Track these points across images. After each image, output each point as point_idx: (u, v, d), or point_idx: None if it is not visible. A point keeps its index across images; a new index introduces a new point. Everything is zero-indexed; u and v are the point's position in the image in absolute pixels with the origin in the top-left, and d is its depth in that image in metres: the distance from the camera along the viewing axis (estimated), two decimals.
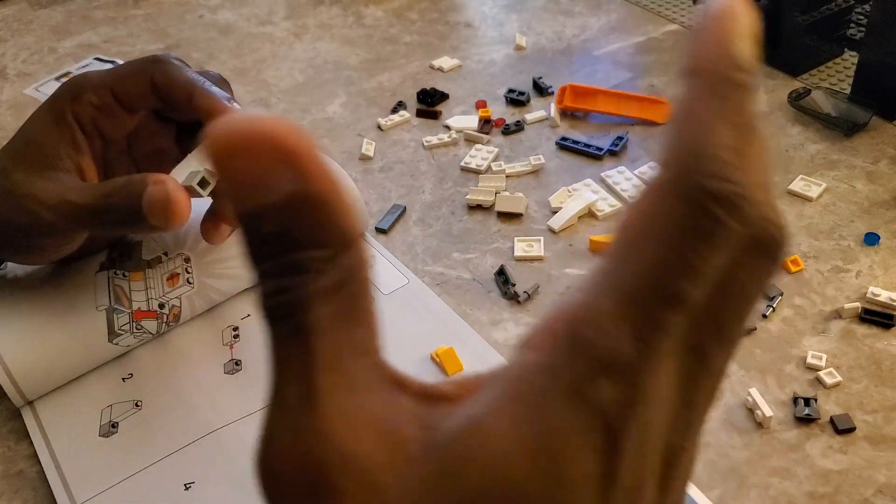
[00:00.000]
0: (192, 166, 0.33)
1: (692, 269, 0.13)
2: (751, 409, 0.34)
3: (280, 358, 0.13)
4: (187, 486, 0.32)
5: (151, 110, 0.36)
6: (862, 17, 0.58)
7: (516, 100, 0.55)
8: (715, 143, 0.13)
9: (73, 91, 0.34)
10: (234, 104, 0.35)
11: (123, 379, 0.37)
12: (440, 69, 0.59)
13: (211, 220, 0.37)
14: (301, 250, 0.13)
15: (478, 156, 0.50)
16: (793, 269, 0.41)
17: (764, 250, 0.14)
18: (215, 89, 0.35)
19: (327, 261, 0.13)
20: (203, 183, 0.33)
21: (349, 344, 0.13)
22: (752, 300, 0.15)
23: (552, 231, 0.44)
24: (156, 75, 0.34)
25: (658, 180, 0.14)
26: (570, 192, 0.47)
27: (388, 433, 0.13)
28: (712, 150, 0.13)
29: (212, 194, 0.36)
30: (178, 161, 0.39)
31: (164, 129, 0.37)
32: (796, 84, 0.54)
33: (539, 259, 0.43)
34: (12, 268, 0.38)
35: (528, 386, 0.13)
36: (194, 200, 0.33)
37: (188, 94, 0.34)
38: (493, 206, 0.46)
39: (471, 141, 0.52)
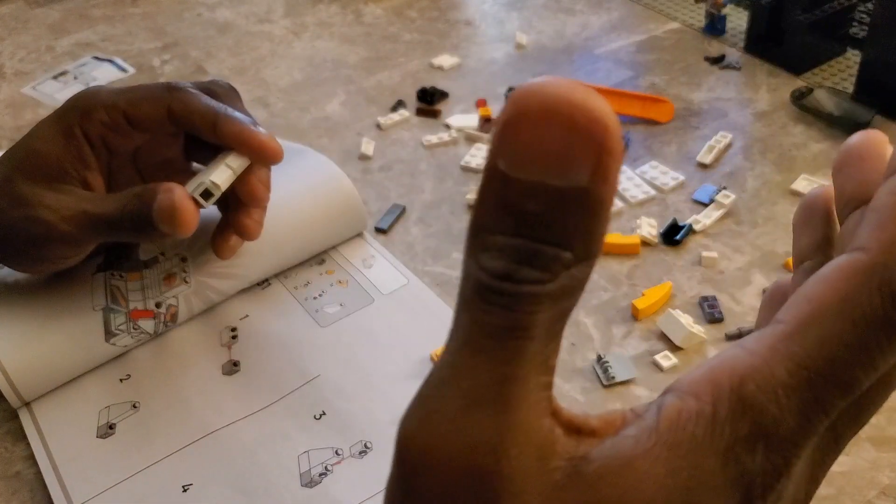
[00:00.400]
0: (200, 177, 0.33)
1: (871, 362, 0.13)
2: None
3: (476, 344, 0.13)
4: (185, 487, 0.32)
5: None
6: (865, 16, 0.58)
7: None
8: None
9: (84, 106, 0.34)
10: (260, 128, 0.34)
11: (121, 380, 0.37)
12: (440, 68, 0.59)
13: (221, 235, 0.37)
14: (553, 245, 0.12)
15: (478, 155, 0.50)
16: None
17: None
18: (238, 115, 0.34)
19: (566, 266, 0.12)
20: (206, 194, 0.33)
21: (542, 356, 0.13)
22: (890, 393, 0.15)
23: None
24: (173, 105, 0.34)
25: (857, 263, 0.14)
26: None
27: (543, 456, 0.13)
28: None
29: (223, 208, 0.36)
30: (184, 171, 0.38)
31: (172, 140, 0.37)
32: (799, 83, 0.54)
33: None
34: (8, 269, 0.37)
35: (686, 435, 0.13)
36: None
37: (211, 123, 0.33)
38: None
39: (471, 140, 0.51)
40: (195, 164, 0.39)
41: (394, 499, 0.14)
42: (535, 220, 0.12)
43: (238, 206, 0.36)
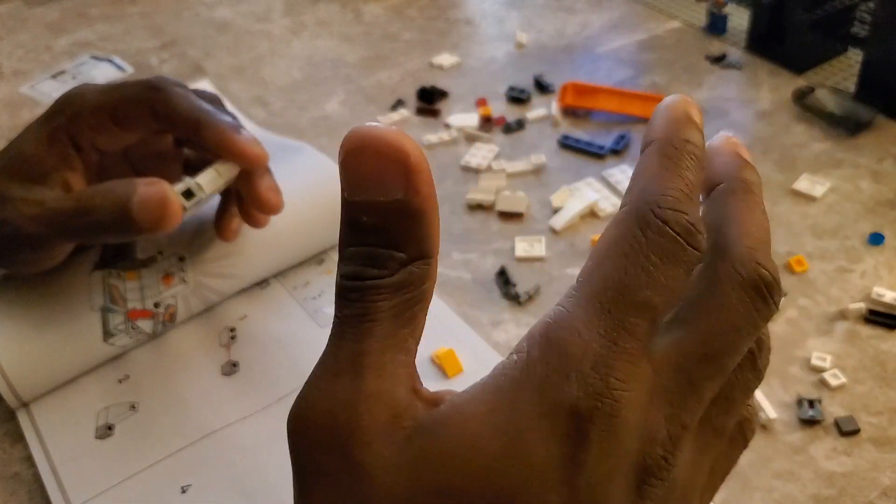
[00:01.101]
0: (187, 180, 0.33)
1: (654, 281, 0.16)
2: None
3: (338, 333, 0.16)
4: (184, 488, 0.32)
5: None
6: (867, 15, 0.58)
7: (517, 98, 0.54)
8: (666, 185, 0.16)
9: (71, 111, 0.33)
10: (244, 132, 0.34)
11: (119, 381, 0.36)
12: (440, 67, 0.59)
13: (223, 218, 0.37)
14: (385, 248, 0.16)
15: (478, 154, 0.49)
16: (797, 269, 0.40)
17: (754, 290, 0.17)
18: (222, 118, 0.33)
19: (402, 264, 0.16)
20: (188, 194, 0.32)
21: (394, 338, 0.16)
22: (742, 336, 0.17)
23: (554, 231, 0.44)
24: (156, 105, 0.33)
25: (619, 214, 0.17)
26: (571, 191, 0.46)
27: (397, 415, 0.16)
28: (664, 188, 0.16)
29: (225, 193, 0.35)
30: (177, 162, 0.38)
31: (162, 135, 0.37)
32: (800, 82, 0.54)
33: (540, 259, 0.42)
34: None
35: (505, 379, 0.16)
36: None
37: (194, 126, 0.33)
38: (493, 205, 0.46)
39: (471, 139, 0.51)
40: (186, 150, 0.39)
41: (293, 474, 0.16)
42: (370, 229, 0.16)
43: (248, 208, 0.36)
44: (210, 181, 0.33)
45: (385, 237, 0.16)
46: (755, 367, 0.18)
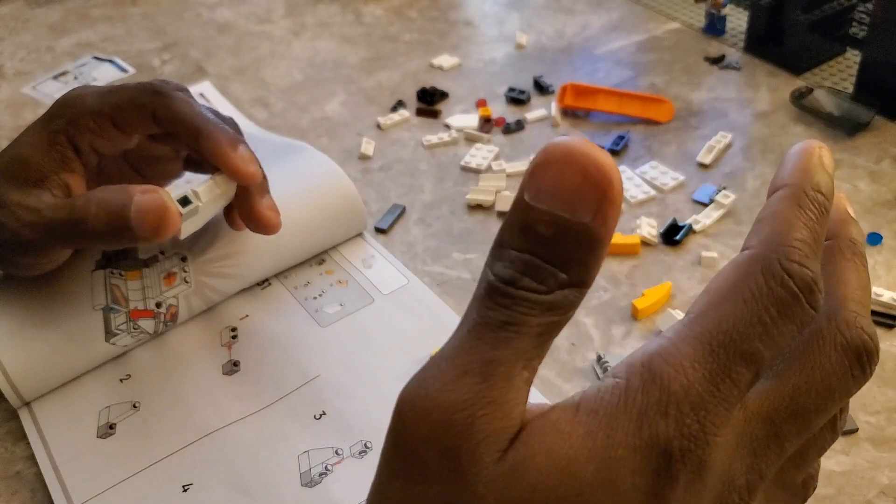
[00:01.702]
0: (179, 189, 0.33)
1: (767, 333, 0.15)
2: None
3: (476, 332, 0.16)
4: (185, 487, 0.32)
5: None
6: (864, 16, 0.58)
7: (517, 98, 0.54)
8: (795, 236, 0.16)
9: (70, 115, 0.33)
10: (241, 147, 0.33)
11: (121, 380, 0.37)
12: (440, 68, 0.59)
13: (231, 213, 0.36)
14: (552, 265, 0.15)
15: (478, 155, 0.50)
16: None
17: (855, 356, 0.17)
18: (222, 129, 0.33)
19: (560, 286, 0.15)
20: (184, 201, 0.32)
21: (527, 354, 0.16)
22: (834, 398, 0.17)
23: None
24: (157, 111, 0.33)
25: (743, 257, 0.16)
26: None
27: (508, 427, 0.15)
28: (792, 240, 0.16)
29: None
30: (176, 162, 0.38)
31: (162, 137, 0.37)
32: (798, 83, 0.54)
33: None
34: None
35: (601, 403, 0.15)
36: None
37: (193, 134, 0.33)
38: (493, 205, 0.46)
39: (471, 140, 0.51)
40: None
41: (384, 451, 0.16)
42: (543, 241, 0.15)
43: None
44: (207, 191, 0.33)
45: (554, 254, 0.15)
46: (834, 429, 0.18)
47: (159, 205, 0.30)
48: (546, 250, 0.15)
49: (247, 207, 0.35)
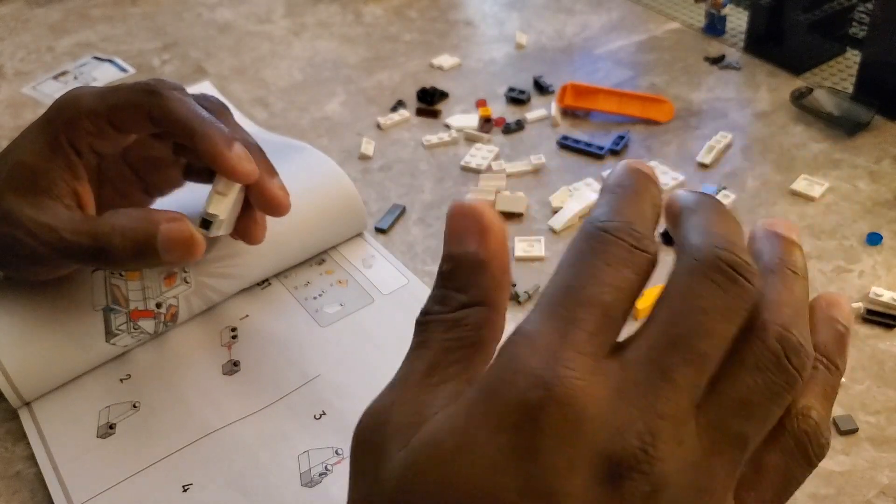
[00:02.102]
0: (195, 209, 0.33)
1: (598, 278, 0.17)
2: None
3: (405, 356, 0.19)
4: (185, 487, 0.32)
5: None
6: (864, 16, 0.58)
7: (517, 98, 0.55)
8: (616, 208, 0.19)
9: (67, 116, 0.33)
10: (236, 146, 0.33)
11: (121, 380, 0.37)
12: (440, 68, 0.59)
13: (244, 222, 0.36)
14: (450, 290, 0.19)
15: (478, 155, 0.50)
16: None
17: (715, 270, 0.17)
18: (217, 128, 0.33)
19: (461, 305, 0.19)
20: (204, 224, 0.33)
21: (440, 366, 0.18)
22: (709, 314, 0.17)
23: (553, 231, 0.44)
24: (153, 111, 0.33)
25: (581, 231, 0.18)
26: (570, 191, 0.46)
27: (417, 423, 0.18)
28: (606, 211, 0.19)
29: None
30: (175, 169, 0.38)
31: (160, 142, 0.37)
32: (798, 83, 0.54)
33: (540, 259, 0.42)
34: None
35: (468, 390, 0.18)
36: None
37: (189, 135, 0.33)
38: (493, 205, 0.46)
39: (471, 140, 0.51)
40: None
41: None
42: (446, 275, 0.19)
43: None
44: (217, 203, 0.33)
45: (455, 282, 0.19)
46: (782, 369, 0.17)
47: (186, 236, 0.32)
48: (450, 281, 0.19)
49: (257, 189, 0.34)
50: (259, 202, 0.35)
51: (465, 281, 0.19)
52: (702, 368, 0.16)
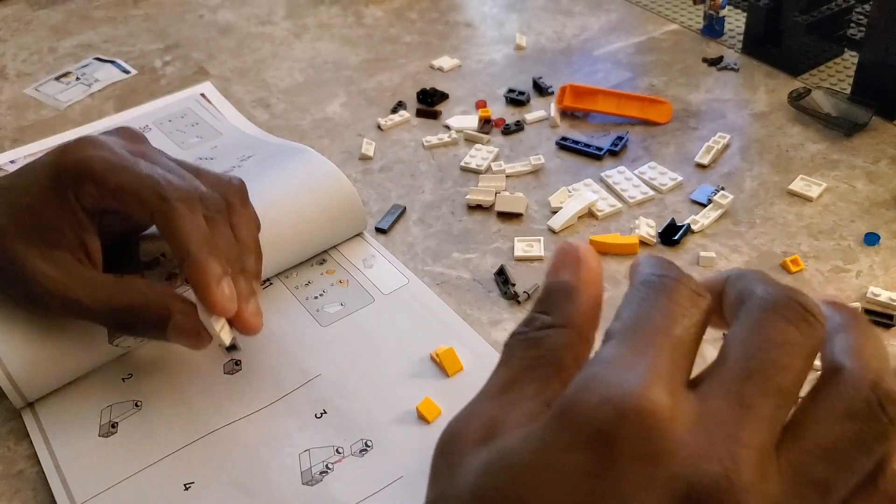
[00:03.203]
0: (217, 324, 0.34)
1: (667, 315, 0.18)
2: None
3: (493, 370, 0.20)
4: (187, 486, 0.32)
5: None
6: (862, 17, 0.58)
7: (516, 100, 0.55)
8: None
9: (75, 176, 0.32)
10: (224, 284, 0.32)
11: (123, 379, 0.37)
12: (440, 69, 0.59)
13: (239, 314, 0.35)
14: (537, 312, 0.20)
15: (478, 156, 0.50)
16: (793, 269, 0.41)
17: (799, 315, 0.18)
18: (211, 261, 0.32)
19: (543, 326, 0.19)
20: (232, 348, 0.35)
21: (518, 383, 0.19)
22: (794, 353, 0.17)
23: (552, 231, 0.44)
24: (157, 217, 0.32)
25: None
26: (570, 191, 0.47)
27: (491, 435, 0.18)
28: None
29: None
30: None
31: None
32: (796, 84, 0.54)
33: (539, 259, 0.43)
34: None
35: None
36: None
37: (182, 255, 0.32)
38: (493, 206, 0.46)
39: (471, 141, 0.52)
40: None
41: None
42: (539, 301, 0.20)
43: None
44: (226, 328, 0.34)
45: (543, 305, 0.20)
46: (875, 419, 0.16)
47: (194, 333, 0.33)
48: (538, 305, 0.20)
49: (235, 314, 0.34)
50: (234, 323, 0.35)
51: (553, 305, 0.20)
52: (781, 402, 0.16)
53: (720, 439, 0.15)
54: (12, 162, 0.52)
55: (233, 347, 0.35)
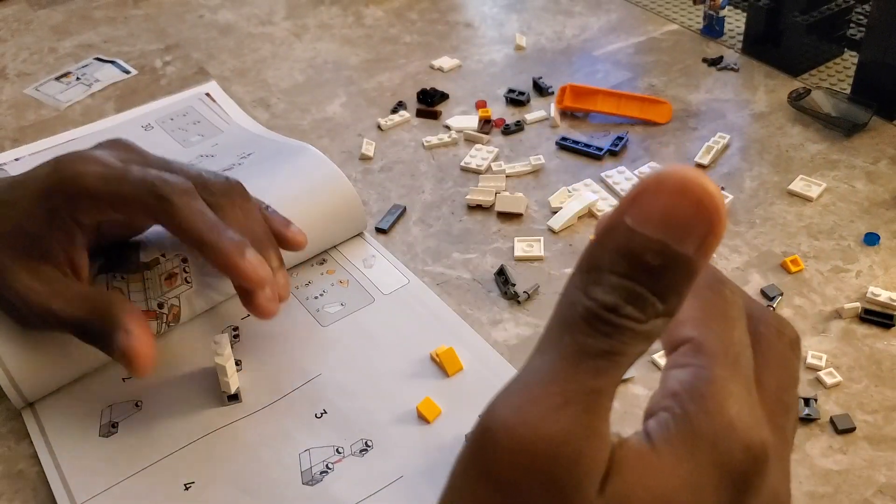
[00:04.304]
0: (223, 359, 0.34)
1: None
2: None
3: (574, 360, 0.15)
4: (187, 485, 0.32)
5: None
6: (862, 17, 0.58)
7: (516, 100, 0.55)
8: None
9: (69, 193, 0.32)
10: (248, 253, 0.33)
11: (123, 379, 0.37)
12: (440, 69, 0.59)
13: (252, 301, 0.35)
14: (654, 294, 0.15)
15: (478, 156, 0.50)
16: (793, 269, 0.41)
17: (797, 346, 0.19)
18: (227, 238, 0.32)
19: (657, 315, 0.15)
20: (233, 398, 0.35)
21: (618, 383, 0.15)
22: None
23: (552, 231, 0.44)
24: (160, 218, 0.32)
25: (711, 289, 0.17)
26: (570, 192, 0.47)
27: (606, 458, 0.15)
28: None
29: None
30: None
31: None
32: (796, 84, 0.54)
33: (539, 259, 0.43)
34: None
35: (674, 433, 0.16)
36: None
37: (197, 245, 0.32)
38: (493, 206, 0.46)
39: (471, 141, 0.52)
40: None
41: (466, 473, 0.16)
42: (648, 270, 0.15)
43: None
44: (231, 377, 0.35)
45: (658, 284, 0.15)
46: (796, 358, 0.19)
47: (132, 355, 0.32)
48: (650, 279, 0.15)
49: (282, 240, 0.37)
50: (284, 246, 0.37)
51: (670, 286, 0.15)
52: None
53: (781, 472, 0.17)
54: (17, 160, 0.52)
55: (234, 397, 0.35)
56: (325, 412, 0.35)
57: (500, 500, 0.15)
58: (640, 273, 0.15)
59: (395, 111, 0.55)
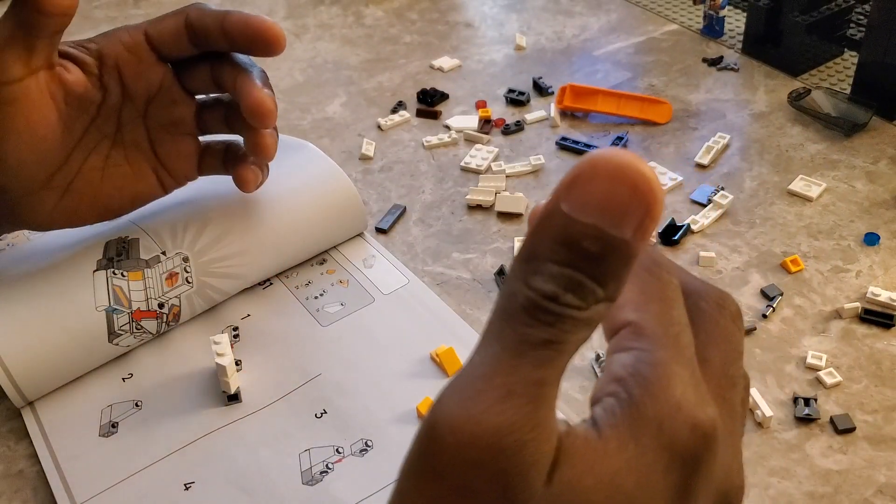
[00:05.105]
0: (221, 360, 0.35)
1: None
2: (750, 409, 0.34)
3: (517, 351, 0.15)
4: (187, 485, 0.32)
5: (175, 77, 0.37)
6: (862, 17, 0.58)
7: (516, 100, 0.55)
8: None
9: (108, 33, 0.36)
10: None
11: (123, 379, 0.37)
12: (440, 69, 0.59)
13: (239, 168, 0.38)
14: (593, 281, 0.14)
15: (478, 156, 0.50)
16: (793, 269, 0.41)
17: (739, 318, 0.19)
18: (245, 13, 0.36)
19: (597, 301, 0.15)
20: (233, 398, 0.35)
21: (562, 372, 0.15)
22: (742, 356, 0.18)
23: None
24: (191, 13, 0.36)
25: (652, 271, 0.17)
26: None
27: (551, 448, 0.15)
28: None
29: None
30: (192, 135, 0.38)
31: (186, 98, 0.37)
32: (796, 84, 0.54)
33: None
34: (10, 267, 0.38)
35: (620, 417, 0.16)
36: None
37: (220, 21, 0.35)
38: (493, 206, 0.46)
39: (471, 141, 0.52)
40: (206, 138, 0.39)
41: (412, 473, 0.16)
42: (587, 256, 0.14)
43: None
44: (231, 376, 0.35)
45: (596, 270, 0.14)
46: (739, 331, 0.19)
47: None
48: (589, 266, 0.14)
49: (242, 94, 0.36)
50: (246, 105, 0.36)
51: (610, 272, 0.14)
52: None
53: (731, 450, 0.17)
54: None
55: (234, 397, 0.35)
56: (325, 412, 0.35)
57: (449, 496, 0.15)
58: (579, 260, 0.14)
59: (395, 111, 0.55)
